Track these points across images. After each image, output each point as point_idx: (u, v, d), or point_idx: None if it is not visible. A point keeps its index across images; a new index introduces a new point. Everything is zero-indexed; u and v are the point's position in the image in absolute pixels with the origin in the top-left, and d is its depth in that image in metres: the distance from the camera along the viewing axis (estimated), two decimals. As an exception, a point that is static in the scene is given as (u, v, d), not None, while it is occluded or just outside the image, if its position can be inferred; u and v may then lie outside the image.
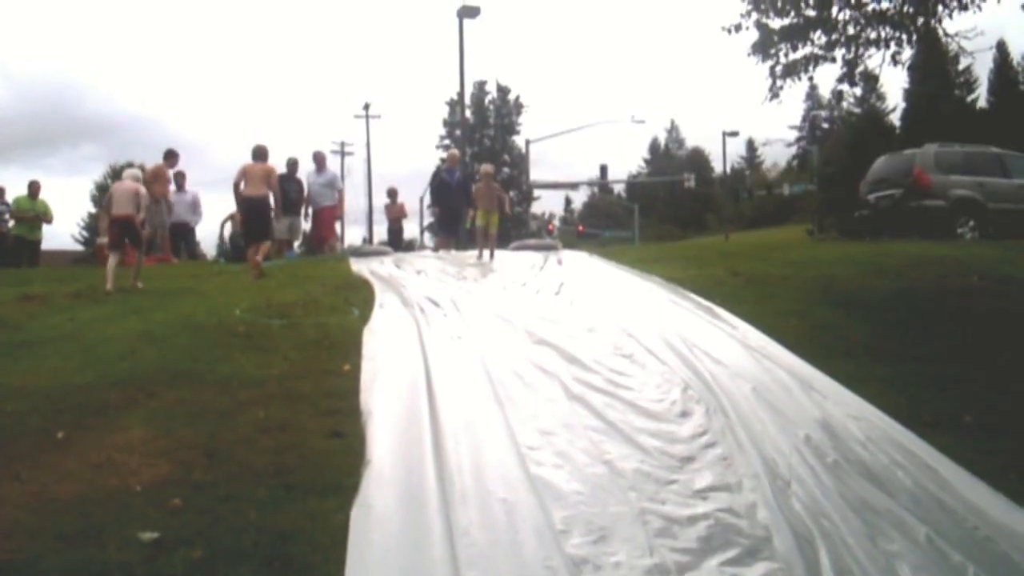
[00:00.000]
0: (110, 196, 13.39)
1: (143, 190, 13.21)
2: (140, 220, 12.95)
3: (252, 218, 14.87)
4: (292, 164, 19.17)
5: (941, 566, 4.61)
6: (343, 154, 61.80)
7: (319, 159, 20.41)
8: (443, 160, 20.58)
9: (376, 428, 6.07)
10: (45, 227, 20.67)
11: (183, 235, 19.75)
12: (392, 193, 23.08)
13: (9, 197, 20.29)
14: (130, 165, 54.64)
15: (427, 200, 21.25)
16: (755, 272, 12.78)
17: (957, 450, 6.12)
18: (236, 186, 14.85)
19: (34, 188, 20.06)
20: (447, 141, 74.72)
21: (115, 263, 12.62)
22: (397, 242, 22.00)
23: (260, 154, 14.99)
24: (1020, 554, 4.76)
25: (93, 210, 37.59)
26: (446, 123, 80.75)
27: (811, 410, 6.72)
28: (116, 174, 60.40)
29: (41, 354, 8.28)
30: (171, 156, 19.06)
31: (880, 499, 5.30)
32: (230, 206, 17.49)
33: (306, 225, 20.24)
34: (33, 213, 19.86)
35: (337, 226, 21.28)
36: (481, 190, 15.94)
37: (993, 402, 7.42)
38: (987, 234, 18.51)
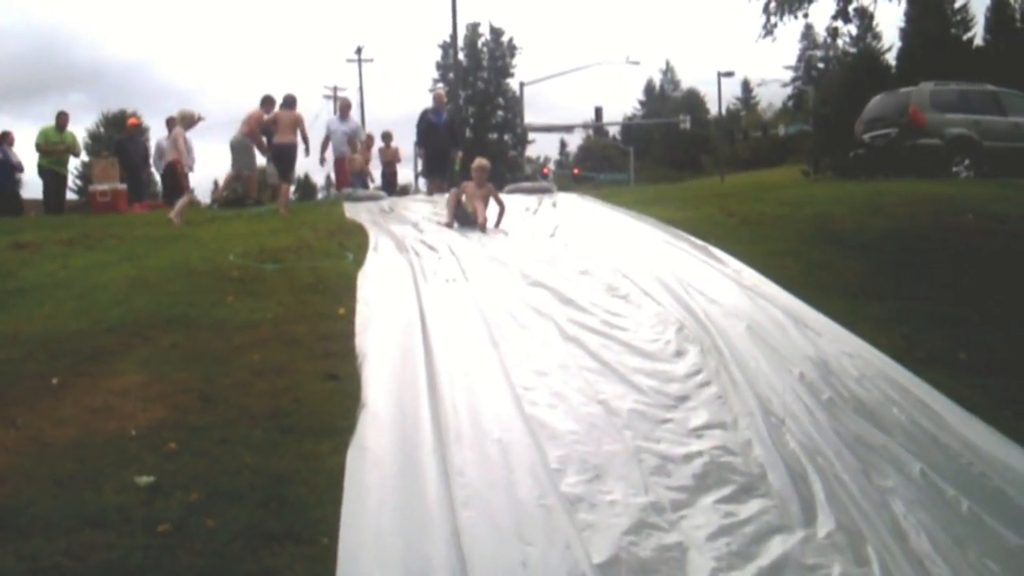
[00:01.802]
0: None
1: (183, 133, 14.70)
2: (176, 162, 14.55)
3: (280, 162, 16.09)
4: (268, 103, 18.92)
5: (935, 501, 4.64)
6: (336, 98, 61.32)
7: (344, 107, 20.37)
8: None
9: (371, 370, 6.07)
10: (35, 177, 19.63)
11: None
12: (386, 136, 22.89)
13: None
14: (123, 112, 54.36)
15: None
16: (750, 212, 12.74)
17: (951, 387, 6.16)
18: (267, 132, 16.57)
19: (62, 120, 18.92)
20: (440, 84, 74.04)
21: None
22: (391, 186, 21.86)
23: (289, 103, 16.27)
24: (1014, 489, 4.80)
25: (86, 158, 37.37)
26: (439, 66, 80.00)
27: (805, 348, 6.74)
28: (109, 122, 60.02)
29: (35, 301, 8.25)
30: (267, 103, 17.74)
31: (874, 435, 5.34)
32: (221, 150, 17.70)
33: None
34: (63, 146, 18.92)
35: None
36: (469, 189, 12.24)
37: (987, 340, 7.45)
38: (982, 172, 18.46)
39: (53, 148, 18.69)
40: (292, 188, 18.38)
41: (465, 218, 11.82)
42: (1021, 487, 4.82)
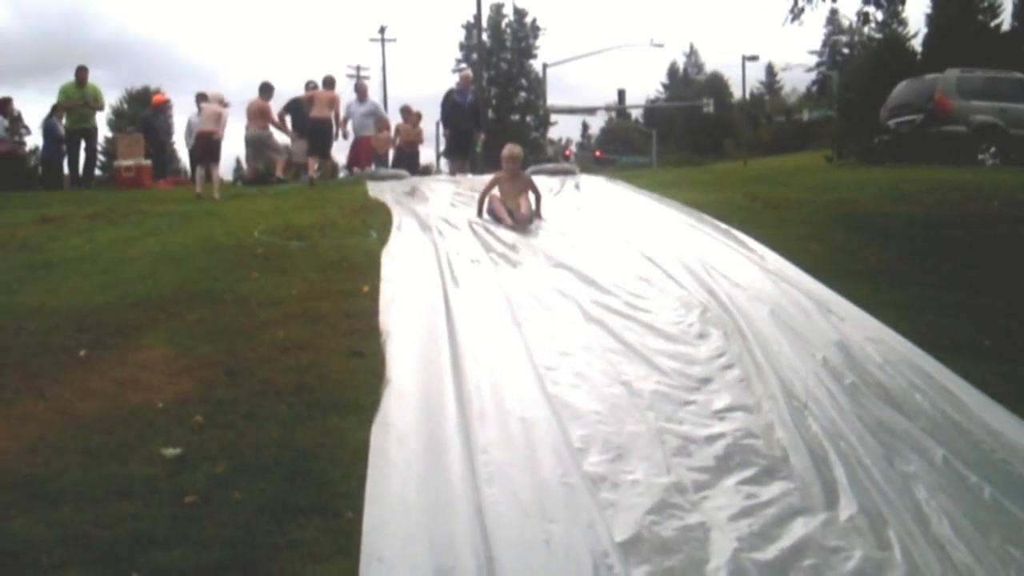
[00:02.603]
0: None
1: (225, 112, 15.32)
2: (219, 137, 14.99)
3: (315, 136, 17.75)
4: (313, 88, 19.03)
5: (958, 487, 4.64)
6: (358, 78, 61.20)
7: (361, 89, 20.67)
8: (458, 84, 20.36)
9: (395, 348, 6.10)
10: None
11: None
12: (414, 116, 22.78)
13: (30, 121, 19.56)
14: (147, 89, 54.72)
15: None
16: (774, 196, 12.71)
17: (975, 374, 6.13)
18: (300, 111, 18.26)
19: (81, 75, 18.29)
20: (463, 65, 73.80)
21: (202, 173, 14.82)
22: (413, 167, 21.86)
23: (328, 83, 18.40)
24: (1035, 475, 4.80)
25: (109, 134, 37.51)
26: (462, 47, 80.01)
27: (829, 332, 6.72)
28: (133, 98, 60.37)
29: (61, 275, 8.32)
30: (266, 90, 18.31)
31: (897, 421, 5.33)
32: (241, 128, 18.17)
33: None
34: (82, 100, 18.24)
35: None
36: (504, 182, 10.78)
37: (1012, 327, 7.43)
38: (1008, 160, 18.36)
39: (73, 104, 18.21)
40: (316, 166, 18.50)
41: (510, 216, 10.28)
42: (1043, 473, 4.82)
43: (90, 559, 3.79)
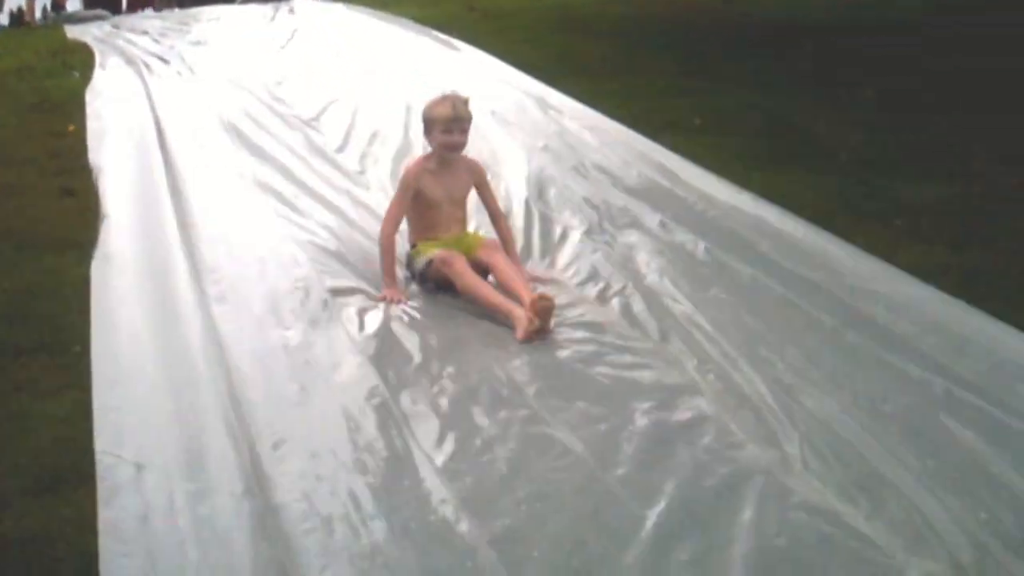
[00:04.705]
0: None
1: None
2: None
3: None
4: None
5: (672, 247, 4.89)
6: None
7: None
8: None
9: (109, 183, 5.83)
10: None
11: None
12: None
13: None
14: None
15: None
16: (491, 7, 12.72)
17: (688, 148, 6.44)
18: None
19: None
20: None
21: None
22: (115, 6, 20.47)
23: None
24: (743, 227, 5.12)
25: None
26: None
27: (548, 125, 6.91)
28: None
29: None
30: None
31: (616, 195, 5.56)
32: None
33: None
34: None
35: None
36: (428, 174, 4.70)
37: (719, 106, 7.81)
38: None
39: None
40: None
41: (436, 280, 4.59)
42: (751, 225, 5.14)
43: None
